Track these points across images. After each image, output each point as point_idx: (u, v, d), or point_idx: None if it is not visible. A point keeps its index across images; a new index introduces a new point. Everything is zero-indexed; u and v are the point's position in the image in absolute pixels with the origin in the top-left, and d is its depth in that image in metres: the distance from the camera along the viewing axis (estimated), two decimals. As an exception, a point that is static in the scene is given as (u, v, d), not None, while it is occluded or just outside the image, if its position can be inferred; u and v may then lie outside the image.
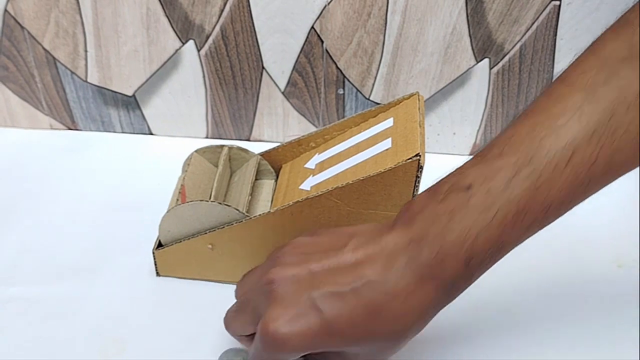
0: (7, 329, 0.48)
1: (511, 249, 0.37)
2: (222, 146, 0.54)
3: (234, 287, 0.51)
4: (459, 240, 0.35)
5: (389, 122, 0.49)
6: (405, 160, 0.43)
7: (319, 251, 0.38)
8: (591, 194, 0.38)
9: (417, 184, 0.44)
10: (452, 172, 0.39)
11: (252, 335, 0.40)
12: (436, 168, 0.43)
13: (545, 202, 0.36)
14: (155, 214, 0.56)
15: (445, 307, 0.49)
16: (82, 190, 0.61)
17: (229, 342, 0.47)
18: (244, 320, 0.40)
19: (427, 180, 0.42)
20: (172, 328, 0.48)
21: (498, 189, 0.36)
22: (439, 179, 0.39)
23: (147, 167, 0.64)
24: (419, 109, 0.48)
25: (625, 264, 0.56)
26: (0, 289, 0.50)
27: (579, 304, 0.52)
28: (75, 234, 0.56)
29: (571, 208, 0.38)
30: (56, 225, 0.57)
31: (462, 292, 0.38)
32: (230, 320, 0.43)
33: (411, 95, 0.50)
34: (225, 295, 0.51)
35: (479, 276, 0.38)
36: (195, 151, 0.53)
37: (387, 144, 0.46)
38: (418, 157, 0.43)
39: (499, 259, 0.37)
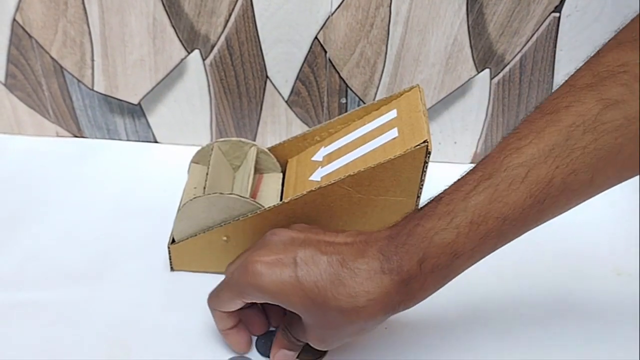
0: (14, 333, 0.48)
1: (469, 260, 0.39)
2: (211, 144, 0.55)
3: None
4: (417, 241, 0.39)
5: (392, 114, 0.51)
6: (414, 147, 0.45)
7: (322, 230, 0.43)
8: (550, 215, 0.40)
9: (424, 169, 0.46)
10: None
11: (233, 315, 0.45)
12: (438, 176, 0.44)
13: (500, 215, 0.38)
14: (160, 220, 0.57)
15: (449, 317, 0.50)
16: (88, 197, 0.61)
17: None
18: (229, 295, 0.44)
19: (429, 189, 0.43)
20: (180, 330, 0.49)
21: (459, 199, 0.39)
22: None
23: (152, 174, 0.65)
24: (421, 99, 0.49)
25: (624, 272, 0.57)
26: (8, 293, 0.51)
27: (578, 312, 0.53)
28: (81, 240, 0.57)
29: (530, 226, 0.40)
30: (63, 231, 0.57)
31: (417, 299, 0.40)
32: (216, 295, 0.45)
33: (411, 87, 0.52)
34: None
35: (434, 285, 0.40)
36: (216, 142, 0.55)
37: (393, 133, 0.48)
38: (426, 144, 0.45)
39: (455, 269, 0.40)
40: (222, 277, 0.53)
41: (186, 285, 0.53)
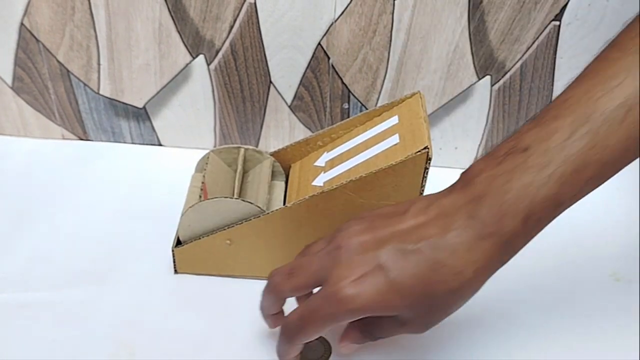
0: (19, 334, 0.49)
1: (570, 204, 0.38)
2: (238, 147, 0.56)
3: (250, 281, 0.53)
4: (518, 197, 0.37)
5: (394, 120, 0.51)
6: (415, 153, 0.46)
7: (382, 219, 0.40)
8: None
9: (425, 175, 0.47)
10: (508, 138, 0.40)
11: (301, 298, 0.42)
12: (438, 182, 0.44)
13: (602, 159, 0.37)
14: (164, 222, 0.58)
15: (448, 321, 0.51)
16: (93, 199, 0.62)
17: (241, 346, 0.49)
18: (297, 282, 0.41)
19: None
20: (184, 331, 0.50)
21: (555, 148, 0.37)
22: (496, 146, 0.40)
23: (156, 177, 0.65)
24: (422, 106, 0.50)
25: (623, 277, 0.57)
26: (14, 294, 0.52)
27: (577, 318, 0.53)
28: (86, 242, 0.57)
29: (626, 164, 0.39)
30: (68, 233, 0.58)
31: (518, 250, 0.39)
32: (281, 281, 0.42)
33: (413, 94, 0.52)
34: (240, 289, 0.53)
35: (536, 234, 0.39)
36: (212, 151, 0.56)
37: (394, 139, 0.49)
38: (427, 150, 0.46)
39: (556, 216, 0.39)
40: (225, 279, 0.54)
41: (190, 287, 0.54)
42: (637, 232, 0.62)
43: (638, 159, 0.70)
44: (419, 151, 0.46)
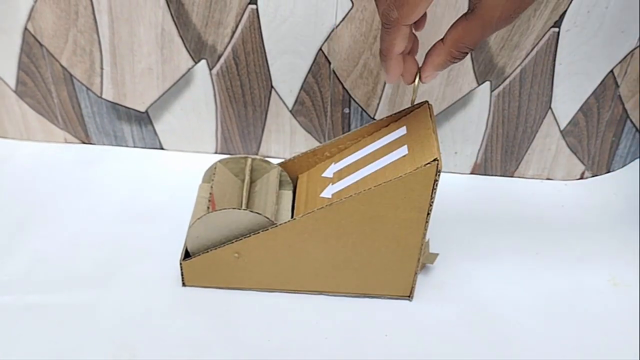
0: (22, 335, 0.49)
1: None
2: (245, 157, 0.56)
3: (256, 293, 0.53)
4: None
5: (402, 131, 0.51)
6: (425, 165, 0.46)
7: None
8: None
9: (435, 187, 0.47)
10: None
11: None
12: (438, 186, 0.45)
13: None
14: (165, 226, 0.58)
15: (446, 326, 0.51)
16: (95, 202, 0.63)
17: (241, 352, 0.49)
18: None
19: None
20: (187, 335, 0.50)
21: None
22: None
23: (158, 180, 0.66)
24: (430, 116, 0.50)
25: (620, 282, 0.57)
26: (16, 296, 0.52)
27: (574, 322, 0.53)
28: (88, 245, 0.58)
29: None
30: (70, 236, 0.58)
31: None
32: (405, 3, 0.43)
33: (421, 104, 0.52)
34: (247, 302, 0.53)
35: None
36: (219, 161, 0.56)
37: (403, 150, 0.49)
38: (437, 162, 0.45)
39: None
40: (233, 292, 0.54)
41: (193, 291, 0.54)
42: (635, 237, 0.62)
43: (638, 164, 0.70)
44: (429, 163, 0.46)
